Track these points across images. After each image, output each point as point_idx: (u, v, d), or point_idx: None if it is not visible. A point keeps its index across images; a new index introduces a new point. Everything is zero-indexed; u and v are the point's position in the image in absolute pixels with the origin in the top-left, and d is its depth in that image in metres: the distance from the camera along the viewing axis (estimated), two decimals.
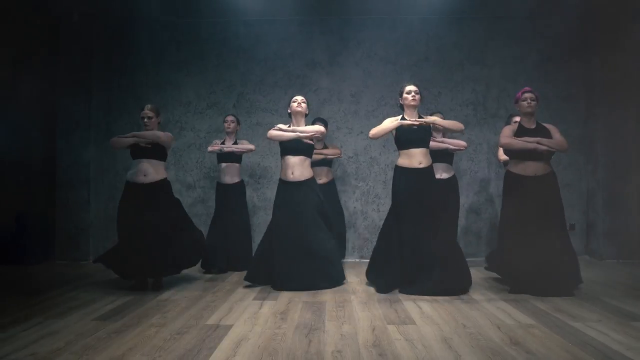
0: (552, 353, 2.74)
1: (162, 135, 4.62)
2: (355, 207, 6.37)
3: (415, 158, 4.32)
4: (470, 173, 6.35)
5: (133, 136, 4.59)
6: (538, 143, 4.23)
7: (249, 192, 6.36)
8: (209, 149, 5.56)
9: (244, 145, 5.53)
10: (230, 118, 5.61)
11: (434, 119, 4.43)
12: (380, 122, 4.55)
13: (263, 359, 2.67)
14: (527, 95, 4.33)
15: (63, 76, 6.23)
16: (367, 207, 6.36)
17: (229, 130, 5.56)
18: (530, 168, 4.28)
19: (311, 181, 4.65)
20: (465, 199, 6.31)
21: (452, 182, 5.38)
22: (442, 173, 5.26)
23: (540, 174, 4.28)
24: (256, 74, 6.50)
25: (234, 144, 5.53)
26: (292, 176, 4.56)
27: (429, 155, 4.38)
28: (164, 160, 4.72)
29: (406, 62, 6.46)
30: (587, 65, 6.31)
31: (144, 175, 4.54)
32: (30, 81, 6.35)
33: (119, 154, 6.21)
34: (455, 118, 6.33)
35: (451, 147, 5.25)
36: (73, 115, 6.19)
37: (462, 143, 5.31)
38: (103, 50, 6.41)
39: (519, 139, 4.29)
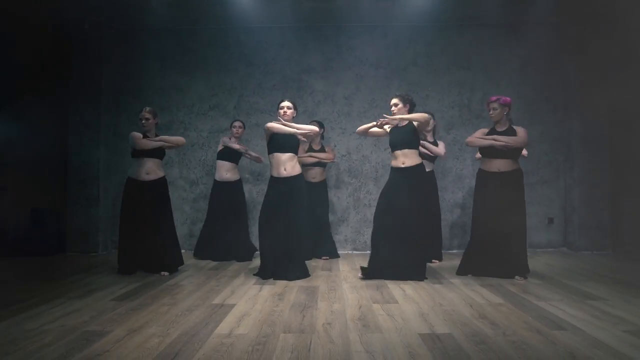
0: (512, 324, 3.17)
1: (184, 141, 5.34)
2: (348, 203, 6.80)
3: (399, 159, 4.72)
4: (456, 171, 6.78)
5: (160, 140, 5.06)
6: (494, 140, 4.69)
7: (249, 188, 6.80)
8: (227, 143, 5.93)
9: (254, 154, 6.07)
10: (238, 124, 6.06)
11: (400, 116, 4.73)
12: (371, 122, 4.94)
13: (263, 330, 3.10)
14: (490, 105, 4.82)
15: (74, 81, 6.63)
16: (359, 203, 6.79)
17: (237, 135, 6.01)
18: (494, 165, 4.73)
19: (300, 176, 4.92)
20: (451, 195, 6.75)
21: (430, 175, 5.61)
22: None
23: (503, 170, 4.70)
24: (255, 78, 6.91)
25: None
26: (284, 172, 4.84)
27: (413, 157, 4.69)
28: (162, 159, 5.19)
29: (396, 67, 6.89)
30: (564, 69, 6.75)
31: (147, 174, 4.99)
32: (44, 86, 6.79)
33: (126, 154, 6.59)
34: (441, 119, 6.80)
35: (424, 149, 5.50)
36: (84, 117, 6.59)
37: (440, 152, 5.65)
38: (112, 57, 6.83)
39: (481, 137, 4.79)
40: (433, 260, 5.65)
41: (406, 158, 4.68)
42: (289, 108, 4.97)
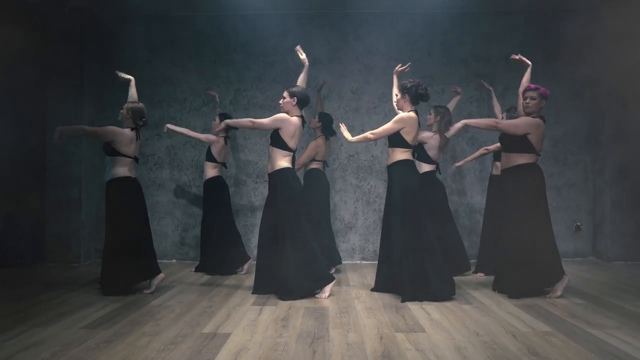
0: None
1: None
2: (356, 208, 6.18)
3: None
4: (475, 172, 6.17)
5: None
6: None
7: (248, 191, 6.19)
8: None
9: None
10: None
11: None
12: (382, 119, 4.42)
13: None
14: (528, 94, 4.18)
15: (53, 72, 5.99)
16: (367, 208, 6.17)
17: (214, 130, 5.48)
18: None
19: (274, 174, 4.27)
20: (469, 199, 6.16)
21: (427, 177, 4.99)
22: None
23: (504, 167, 4.31)
24: (254, 70, 6.29)
25: None
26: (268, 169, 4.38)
27: (394, 154, 4.24)
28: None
29: (408, 58, 6.18)
30: (594, 62, 6.12)
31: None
32: (19, 77, 6.12)
33: None
34: (459, 115, 6.14)
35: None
36: (64, 112, 5.91)
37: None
38: (95, 45, 6.18)
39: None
40: (465, 274, 5.11)
41: (388, 156, 4.35)
42: (284, 97, 4.39)
